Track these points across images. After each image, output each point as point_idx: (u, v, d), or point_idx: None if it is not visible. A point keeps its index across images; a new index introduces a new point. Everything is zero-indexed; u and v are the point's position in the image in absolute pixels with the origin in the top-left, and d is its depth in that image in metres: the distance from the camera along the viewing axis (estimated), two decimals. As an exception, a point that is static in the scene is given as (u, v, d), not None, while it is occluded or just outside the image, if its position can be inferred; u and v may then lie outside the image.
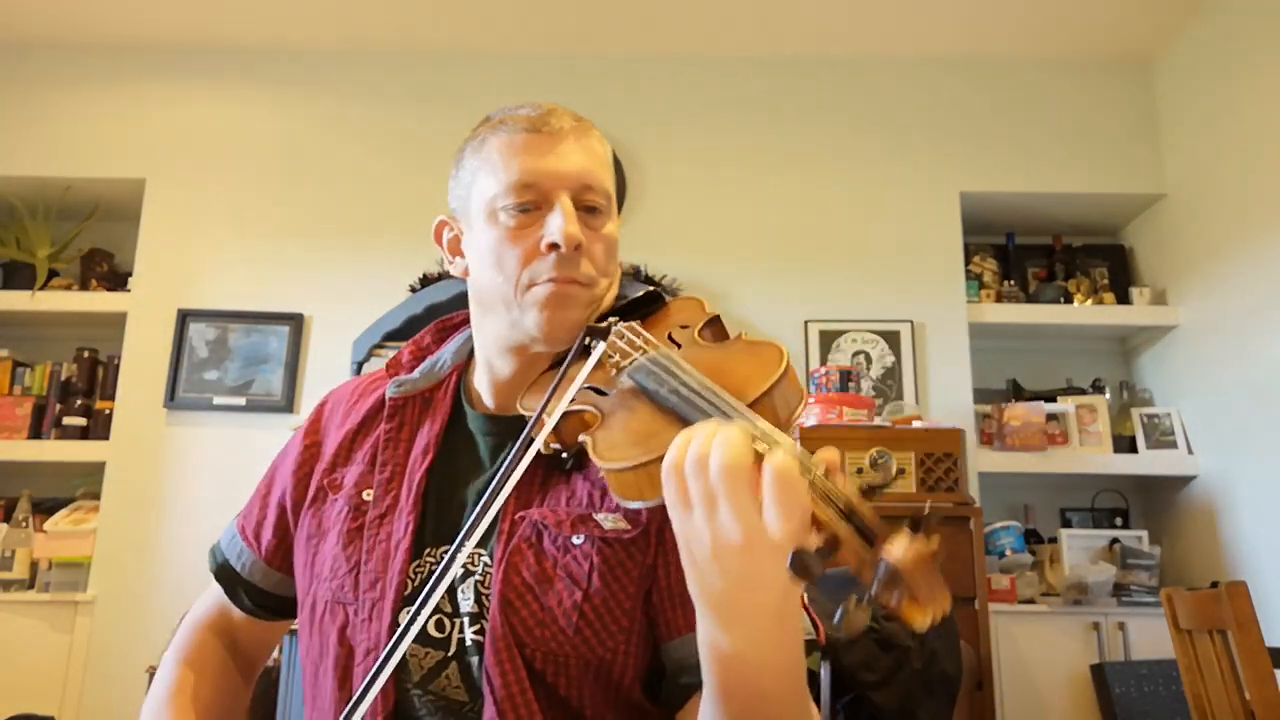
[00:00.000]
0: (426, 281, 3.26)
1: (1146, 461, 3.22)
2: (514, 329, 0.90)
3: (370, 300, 3.26)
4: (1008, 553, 3.06)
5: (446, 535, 0.91)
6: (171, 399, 3.23)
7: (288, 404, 3.23)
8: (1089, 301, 3.46)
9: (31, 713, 2.89)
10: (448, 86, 3.52)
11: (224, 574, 1.05)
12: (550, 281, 0.87)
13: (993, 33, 3.41)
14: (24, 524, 3.15)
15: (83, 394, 3.34)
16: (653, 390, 0.76)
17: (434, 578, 0.73)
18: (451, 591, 0.87)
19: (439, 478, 0.94)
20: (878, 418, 2.97)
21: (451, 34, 3.48)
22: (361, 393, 1.04)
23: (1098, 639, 2.90)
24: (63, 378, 3.37)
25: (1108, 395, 3.42)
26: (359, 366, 3.19)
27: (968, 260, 3.48)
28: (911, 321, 3.32)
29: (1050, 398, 3.38)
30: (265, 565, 1.03)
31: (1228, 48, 3.11)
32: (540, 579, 0.85)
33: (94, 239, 3.54)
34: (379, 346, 3.18)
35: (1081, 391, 3.43)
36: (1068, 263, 3.60)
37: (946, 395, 3.26)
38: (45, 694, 2.96)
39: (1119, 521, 3.38)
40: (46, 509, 3.23)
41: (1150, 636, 2.86)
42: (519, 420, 0.87)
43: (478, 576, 0.87)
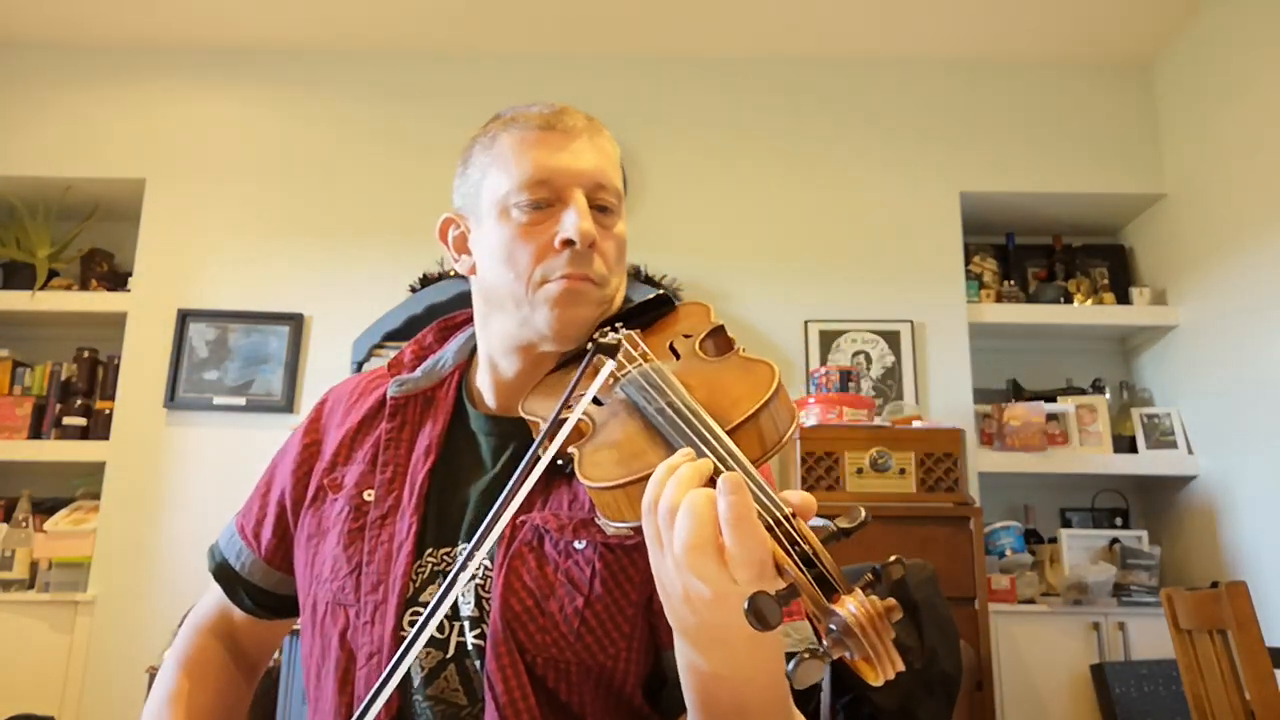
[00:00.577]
0: (426, 281, 3.26)
1: (1146, 461, 3.22)
2: (523, 327, 0.89)
3: (370, 300, 3.26)
4: (1008, 553, 3.06)
5: (447, 536, 0.90)
6: (171, 399, 3.23)
7: (288, 404, 3.23)
8: (1089, 301, 3.46)
9: (31, 713, 2.89)
10: (448, 86, 3.52)
11: (223, 573, 1.04)
12: (564, 278, 0.86)
13: (993, 33, 3.41)
14: (24, 524, 3.15)
15: (83, 394, 3.34)
16: (642, 406, 0.75)
17: (441, 591, 0.70)
18: None
19: (440, 478, 0.93)
20: (878, 418, 2.97)
21: (452, 34, 3.48)
22: (362, 391, 1.03)
23: (1098, 639, 2.90)
24: (63, 378, 3.37)
25: (1108, 395, 3.42)
26: (359, 366, 3.18)
27: (968, 260, 3.48)
28: (911, 321, 3.32)
29: (1050, 398, 3.38)
30: (265, 564, 1.02)
31: (1227, 48, 3.11)
32: (541, 584, 0.84)
33: (94, 239, 3.54)
34: (379, 346, 3.18)
35: (1081, 391, 3.43)
36: (1068, 263, 3.60)
37: (946, 395, 3.26)
38: (45, 694, 2.96)
39: (1119, 521, 3.39)
40: (46, 509, 3.23)
41: (1150, 636, 2.86)
42: (521, 421, 0.87)
43: (478, 580, 0.86)
